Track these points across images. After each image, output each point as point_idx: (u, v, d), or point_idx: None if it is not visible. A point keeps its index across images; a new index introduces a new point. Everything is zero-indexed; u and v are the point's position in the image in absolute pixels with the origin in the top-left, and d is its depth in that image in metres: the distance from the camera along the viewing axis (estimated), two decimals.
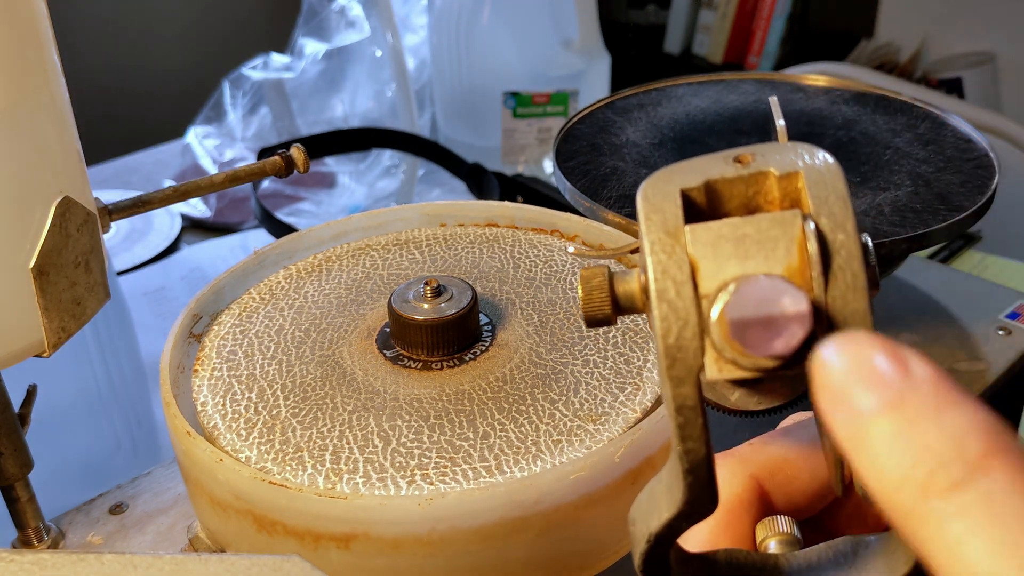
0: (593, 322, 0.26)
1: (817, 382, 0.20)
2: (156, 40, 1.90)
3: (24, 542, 0.48)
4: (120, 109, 1.83)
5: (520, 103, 1.06)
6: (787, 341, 0.19)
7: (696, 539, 0.30)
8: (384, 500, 0.38)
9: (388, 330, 0.49)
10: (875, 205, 0.58)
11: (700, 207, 0.24)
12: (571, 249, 0.30)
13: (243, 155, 1.12)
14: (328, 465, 0.41)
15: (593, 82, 1.09)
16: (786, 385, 0.25)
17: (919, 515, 0.18)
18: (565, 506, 0.39)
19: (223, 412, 0.45)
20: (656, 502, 0.26)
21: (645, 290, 0.24)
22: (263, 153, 0.95)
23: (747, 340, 0.19)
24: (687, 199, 0.24)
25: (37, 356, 0.42)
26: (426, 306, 0.47)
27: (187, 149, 1.16)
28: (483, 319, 0.50)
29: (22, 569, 0.28)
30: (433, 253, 0.57)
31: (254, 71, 1.16)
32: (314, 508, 0.39)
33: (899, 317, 0.68)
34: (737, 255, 0.23)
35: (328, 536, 0.39)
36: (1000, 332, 0.66)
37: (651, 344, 0.48)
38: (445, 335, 0.47)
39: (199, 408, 0.46)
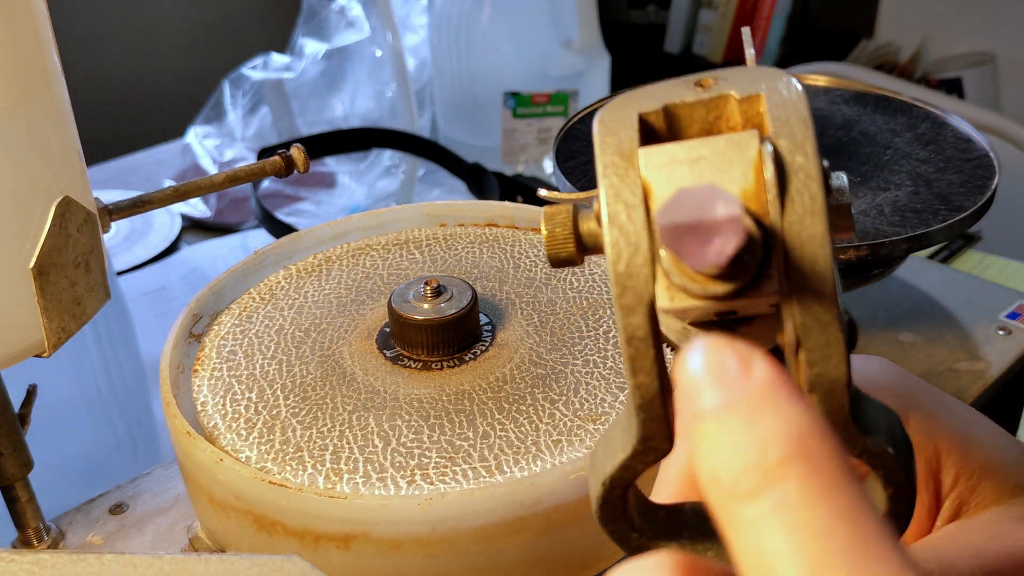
0: (557, 261, 0.24)
1: (675, 382, 0.20)
2: (156, 40, 1.90)
3: (24, 542, 0.48)
4: (120, 109, 1.83)
5: (520, 103, 1.06)
6: (721, 247, 0.17)
7: (666, 491, 0.29)
8: (384, 500, 0.38)
9: (388, 330, 0.49)
10: (875, 205, 0.58)
11: (660, 132, 0.23)
12: (543, 192, 0.28)
13: (243, 155, 1.12)
14: (328, 465, 0.41)
15: (593, 82, 1.09)
16: (757, 332, 0.24)
17: (725, 517, 0.18)
18: (565, 506, 0.39)
19: (223, 412, 0.45)
20: (612, 445, 0.25)
21: (599, 217, 0.23)
22: (263, 153, 0.95)
23: (679, 247, 0.18)
24: (646, 124, 0.23)
25: (37, 356, 0.42)
26: (426, 306, 0.47)
27: (187, 149, 1.16)
28: (483, 319, 0.50)
29: (22, 569, 0.28)
30: (433, 253, 0.57)
31: (254, 71, 1.16)
32: (314, 508, 0.39)
33: (899, 317, 0.68)
34: (691, 178, 0.22)
35: (328, 536, 0.39)
36: (1000, 332, 0.66)
37: None
38: (445, 335, 0.47)
39: (199, 408, 0.46)
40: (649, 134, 0.23)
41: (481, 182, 0.94)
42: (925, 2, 2.19)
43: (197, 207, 1.03)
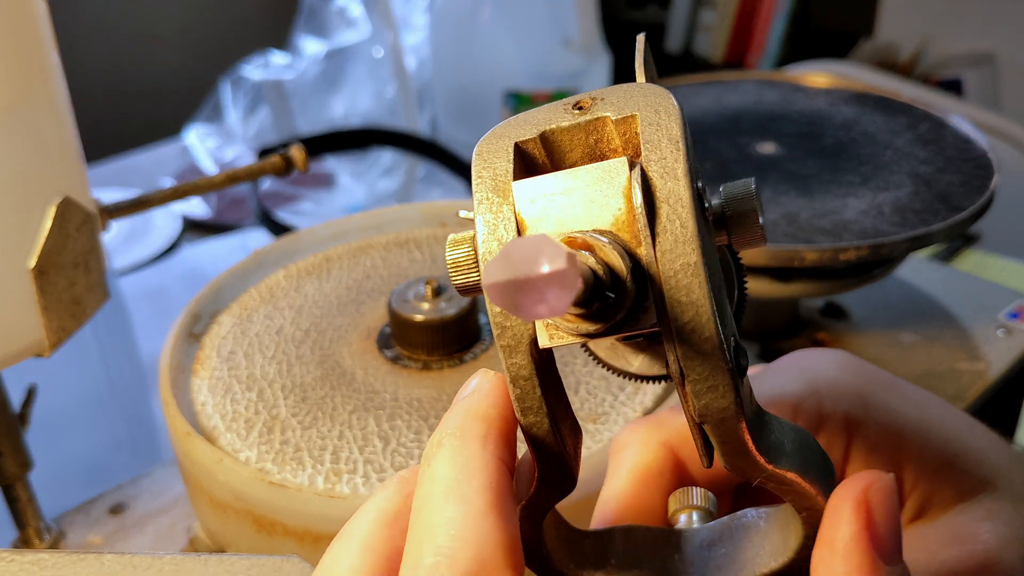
0: (464, 290, 0.23)
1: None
2: (156, 40, 1.90)
3: (24, 542, 0.48)
4: (120, 109, 1.83)
5: (520, 102, 1.06)
6: (553, 305, 0.16)
7: (603, 512, 0.29)
8: None
9: (388, 330, 0.49)
10: (875, 205, 0.58)
11: (538, 161, 0.23)
12: (462, 214, 0.28)
13: (243, 155, 1.12)
14: (328, 465, 0.41)
15: (593, 81, 1.09)
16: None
17: None
18: (563, 506, 0.39)
19: (223, 412, 0.45)
20: (521, 480, 0.24)
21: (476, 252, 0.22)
22: (263, 153, 0.95)
23: (506, 306, 0.17)
24: (524, 154, 0.23)
25: (37, 356, 0.42)
26: (426, 306, 0.47)
27: (186, 149, 1.16)
28: (483, 319, 0.50)
29: (22, 569, 0.28)
30: (433, 253, 0.57)
31: (254, 71, 1.16)
32: (314, 508, 0.39)
33: (899, 317, 0.68)
34: (563, 211, 0.21)
35: (328, 536, 0.39)
36: (1000, 332, 0.66)
37: None
38: (445, 335, 0.47)
39: (199, 408, 0.46)
40: (529, 162, 0.23)
41: None
42: (925, 2, 2.19)
43: (197, 207, 1.03)
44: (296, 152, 0.51)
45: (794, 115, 0.70)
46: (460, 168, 0.98)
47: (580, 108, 0.22)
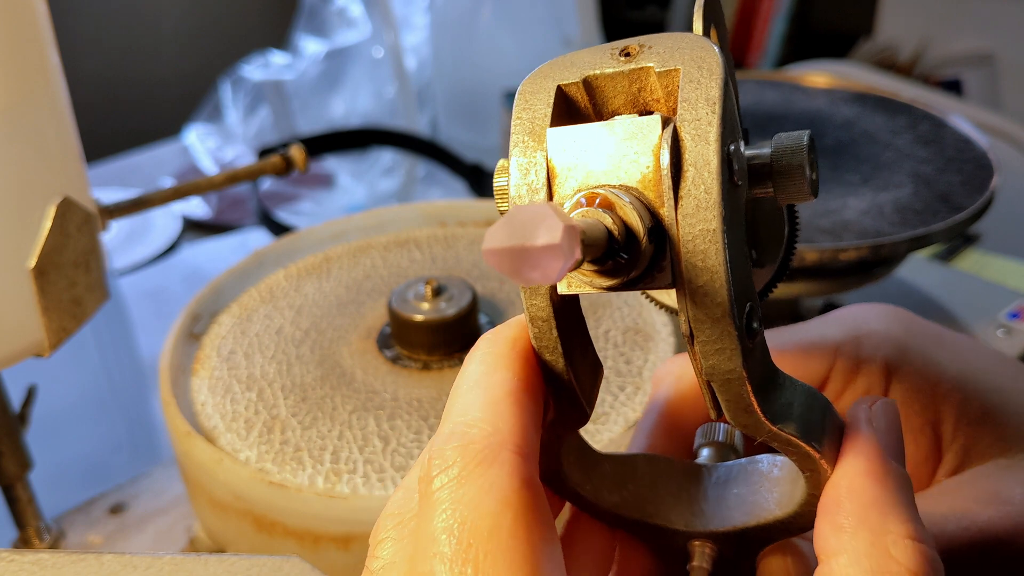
0: None
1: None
2: (156, 40, 1.90)
3: (24, 542, 0.48)
4: (120, 109, 1.83)
5: None
6: (543, 273, 0.17)
7: (636, 440, 0.30)
8: (384, 500, 0.38)
9: (388, 330, 0.49)
10: (875, 205, 0.58)
11: (580, 104, 0.23)
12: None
13: (243, 155, 1.12)
14: (328, 465, 0.41)
15: None
16: None
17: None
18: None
19: (223, 412, 0.45)
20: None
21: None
22: (263, 153, 0.95)
23: (505, 269, 0.17)
24: (566, 97, 0.23)
25: (37, 356, 0.42)
26: (426, 306, 0.47)
27: (186, 149, 1.16)
28: (483, 319, 0.50)
29: (22, 569, 0.28)
30: (433, 253, 0.57)
31: (253, 71, 1.16)
32: (314, 508, 0.39)
33: None
34: (592, 162, 0.21)
35: (328, 536, 0.39)
36: (1000, 332, 0.66)
37: (651, 344, 0.48)
38: (445, 335, 0.47)
39: (199, 408, 0.46)
40: (571, 106, 0.23)
41: (481, 182, 0.94)
42: (925, 2, 2.19)
43: (197, 207, 1.03)
44: (296, 152, 0.51)
45: (794, 115, 0.70)
46: (460, 168, 0.98)
47: (627, 55, 0.22)
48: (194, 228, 1.01)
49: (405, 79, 1.03)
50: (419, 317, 0.47)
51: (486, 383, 0.23)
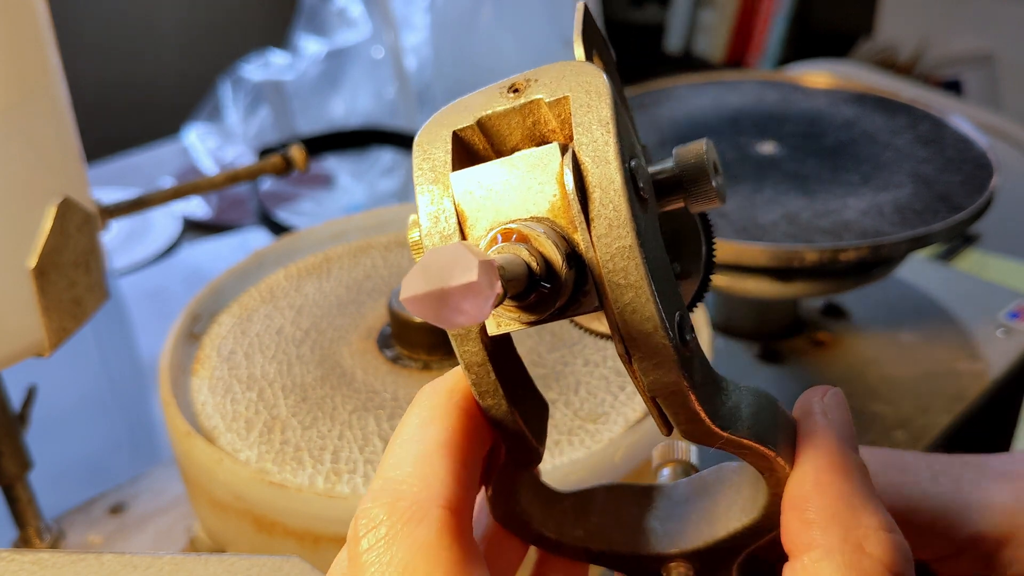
0: None
1: None
2: (156, 40, 1.90)
3: (24, 542, 0.48)
4: (120, 109, 1.83)
5: None
6: (466, 314, 0.17)
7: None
8: None
9: (388, 330, 0.49)
10: (875, 205, 0.58)
11: (477, 148, 0.23)
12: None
13: (243, 155, 1.12)
14: (328, 465, 0.41)
15: None
16: None
17: None
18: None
19: (223, 412, 0.45)
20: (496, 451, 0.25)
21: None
22: (263, 153, 0.95)
23: (428, 316, 0.17)
24: (462, 142, 0.23)
25: (37, 356, 0.42)
26: None
27: (186, 149, 1.16)
28: None
29: (22, 569, 0.28)
30: None
31: (253, 71, 1.16)
32: (314, 508, 0.39)
33: (899, 317, 0.68)
34: (500, 200, 0.21)
35: (328, 536, 0.39)
36: (1000, 332, 0.66)
37: None
38: (445, 335, 0.47)
39: (199, 408, 0.46)
40: (470, 149, 0.23)
41: None
42: (925, 2, 2.19)
43: (197, 207, 1.03)
44: (296, 152, 0.51)
45: (794, 115, 0.70)
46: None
47: (515, 91, 0.23)
48: (194, 228, 1.01)
49: (405, 79, 1.03)
50: (419, 317, 0.47)
51: (420, 436, 0.23)
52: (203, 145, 1.14)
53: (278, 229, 0.87)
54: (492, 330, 0.22)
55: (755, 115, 0.71)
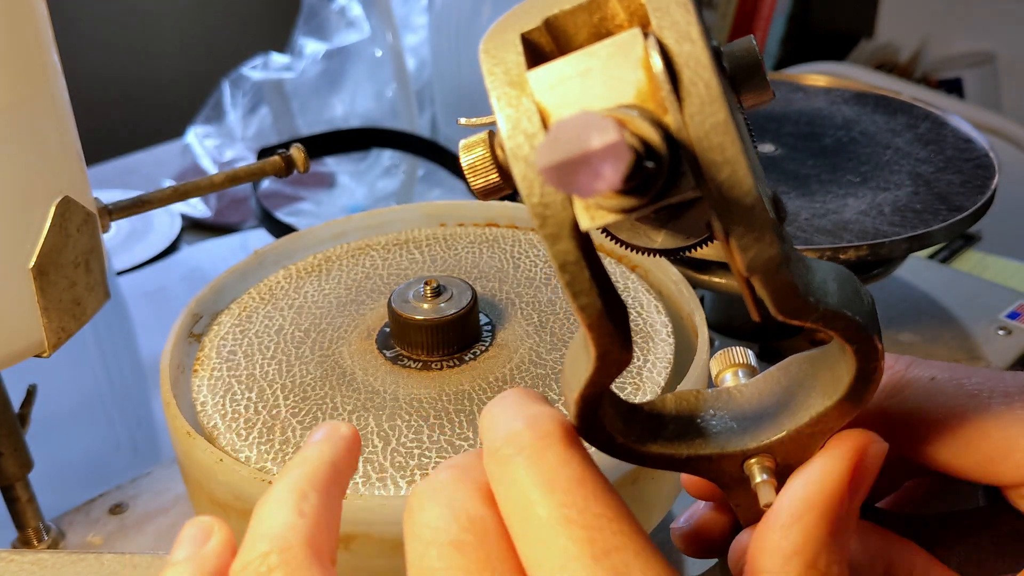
0: (485, 192, 0.24)
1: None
2: (156, 40, 1.90)
3: (24, 542, 0.48)
4: (120, 109, 1.83)
5: None
6: (607, 176, 0.16)
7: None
8: (384, 500, 0.38)
9: (388, 330, 0.49)
10: (875, 205, 0.58)
11: (546, 48, 0.23)
12: (461, 120, 0.28)
13: (243, 155, 1.12)
14: None
15: None
16: (700, 214, 0.23)
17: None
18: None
19: (223, 412, 0.45)
20: (577, 365, 0.25)
21: (503, 148, 0.22)
22: (263, 153, 0.95)
23: (564, 185, 0.17)
24: (531, 44, 0.22)
25: (37, 356, 0.42)
26: (426, 306, 0.47)
27: (187, 149, 1.16)
28: (483, 319, 0.50)
29: (22, 569, 0.28)
30: (433, 253, 0.57)
31: (254, 71, 1.16)
32: None
33: (899, 317, 0.68)
34: (585, 92, 0.21)
35: None
36: (1000, 332, 0.66)
37: (651, 344, 0.48)
38: (445, 335, 0.47)
39: (199, 408, 0.46)
40: (537, 52, 0.23)
41: None
42: (925, 2, 2.19)
43: (197, 207, 1.03)
44: (296, 152, 0.51)
45: (794, 115, 0.70)
46: (460, 168, 0.98)
47: None
48: (194, 228, 1.01)
49: (405, 79, 1.03)
50: (419, 317, 0.47)
51: (279, 492, 0.25)
52: (203, 145, 1.14)
53: (278, 229, 0.87)
54: (586, 224, 0.21)
55: (754, 115, 0.71)
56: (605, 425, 0.26)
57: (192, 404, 0.46)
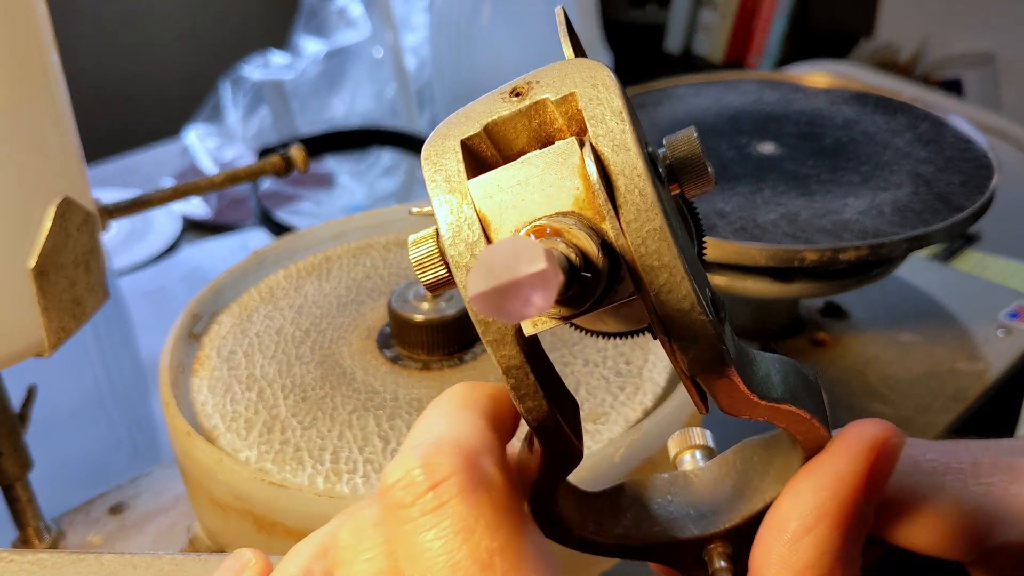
0: (433, 285, 0.23)
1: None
2: (156, 40, 1.90)
3: (24, 542, 0.48)
4: (120, 109, 1.83)
5: None
6: (538, 304, 0.16)
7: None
8: None
9: (388, 330, 0.49)
10: (875, 205, 0.58)
11: (486, 155, 0.23)
12: (413, 210, 0.28)
13: (243, 155, 1.12)
14: (328, 465, 0.41)
15: None
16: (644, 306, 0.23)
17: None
18: None
19: (223, 412, 0.45)
20: (528, 461, 0.25)
21: (443, 254, 0.22)
22: (263, 153, 0.95)
23: (496, 311, 0.17)
24: (471, 150, 0.23)
25: (37, 356, 0.42)
26: (426, 306, 0.47)
27: (186, 149, 1.16)
28: None
29: (22, 569, 0.28)
30: None
31: (253, 71, 1.16)
32: (314, 508, 0.39)
33: (899, 317, 0.68)
34: (523, 200, 0.21)
35: None
36: (1000, 332, 0.66)
37: (651, 344, 0.48)
38: (445, 335, 0.47)
39: (199, 408, 0.46)
40: (478, 157, 0.23)
41: None
42: (925, 2, 2.19)
43: (197, 207, 1.03)
44: (296, 152, 0.51)
45: (794, 115, 0.70)
46: None
47: (518, 95, 0.23)
48: (194, 228, 1.01)
49: (405, 79, 1.03)
50: (419, 317, 0.47)
51: (454, 414, 0.23)
52: (203, 145, 1.14)
53: (278, 229, 0.87)
54: (529, 330, 0.22)
55: (755, 115, 0.71)
56: (561, 517, 0.26)
57: (192, 404, 0.46)
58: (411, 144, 1.02)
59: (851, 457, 0.24)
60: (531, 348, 0.22)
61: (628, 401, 0.44)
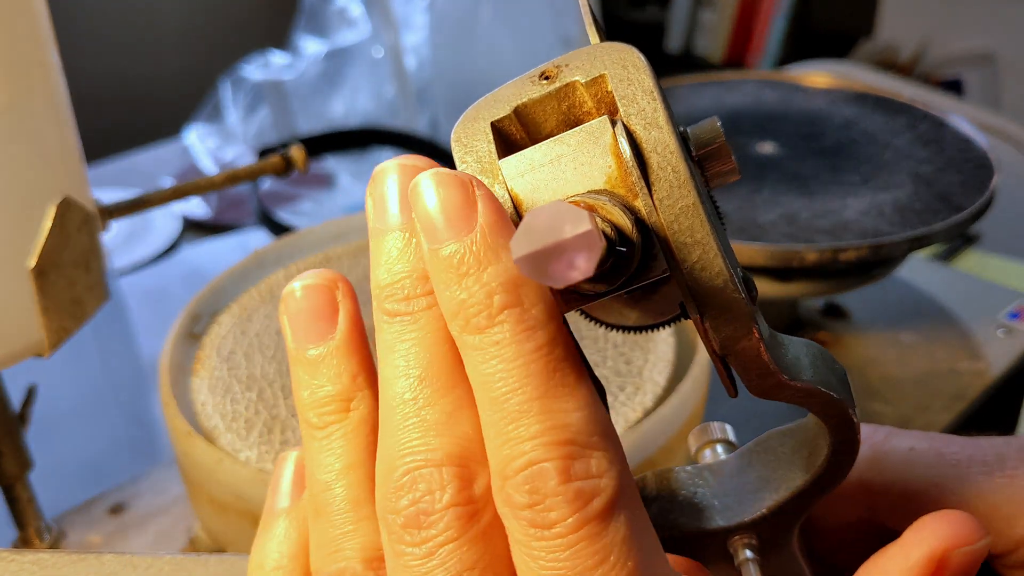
0: None
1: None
2: (156, 40, 1.90)
3: (24, 542, 0.48)
4: (120, 108, 1.83)
5: None
6: (581, 265, 0.17)
7: None
8: None
9: None
10: (875, 205, 0.58)
11: (516, 137, 0.23)
12: None
13: (243, 155, 1.12)
14: None
15: None
16: (672, 292, 0.23)
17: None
18: None
19: (223, 412, 0.45)
20: None
21: None
22: (263, 153, 0.95)
23: (539, 275, 0.17)
24: (501, 132, 0.23)
25: (37, 356, 0.42)
26: None
27: (186, 149, 1.16)
28: None
29: (22, 569, 0.28)
30: None
31: (253, 71, 1.16)
32: None
33: (899, 317, 0.68)
34: (555, 179, 0.21)
35: None
36: (1000, 332, 0.66)
37: (651, 344, 0.48)
38: None
39: (199, 408, 0.46)
40: (507, 140, 0.23)
41: None
42: (925, 2, 2.19)
43: (197, 207, 1.03)
44: (296, 152, 0.51)
45: (794, 115, 0.70)
46: None
47: (547, 78, 0.23)
48: (194, 228, 1.01)
49: (405, 79, 1.03)
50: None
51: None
52: (203, 145, 1.14)
53: (278, 229, 0.87)
54: (561, 308, 0.21)
55: (755, 115, 0.71)
56: None
57: (192, 404, 0.46)
58: (411, 144, 1.02)
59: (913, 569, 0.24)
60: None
61: (628, 401, 0.44)
